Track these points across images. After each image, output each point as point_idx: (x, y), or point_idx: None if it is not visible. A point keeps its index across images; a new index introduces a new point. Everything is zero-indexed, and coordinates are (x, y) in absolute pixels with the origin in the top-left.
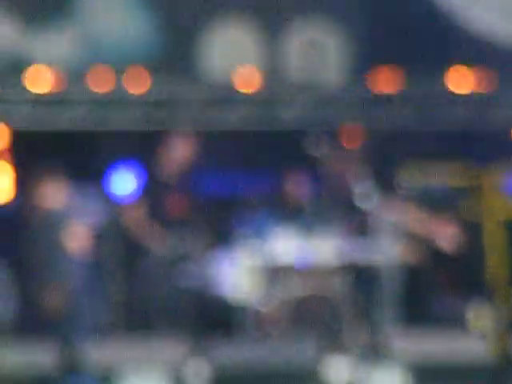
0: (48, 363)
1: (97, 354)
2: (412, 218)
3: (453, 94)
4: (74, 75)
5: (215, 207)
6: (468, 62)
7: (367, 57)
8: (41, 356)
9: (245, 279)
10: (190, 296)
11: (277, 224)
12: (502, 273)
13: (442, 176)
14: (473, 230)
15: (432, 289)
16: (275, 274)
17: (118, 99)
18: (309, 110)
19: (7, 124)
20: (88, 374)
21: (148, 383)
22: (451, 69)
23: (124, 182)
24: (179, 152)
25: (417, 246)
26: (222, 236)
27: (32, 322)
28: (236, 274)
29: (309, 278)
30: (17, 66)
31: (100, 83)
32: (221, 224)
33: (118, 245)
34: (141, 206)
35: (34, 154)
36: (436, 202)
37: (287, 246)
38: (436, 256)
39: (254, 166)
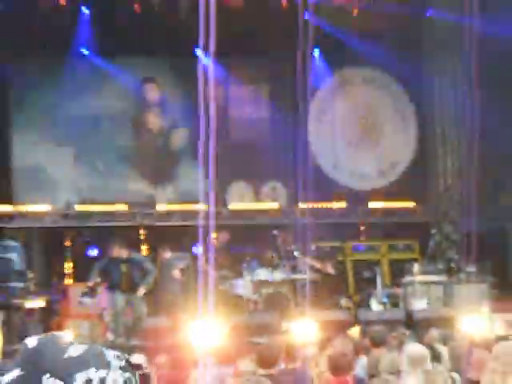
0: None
1: None
2: (314, 261)
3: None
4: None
5: (236, 258)
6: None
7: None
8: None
9: (248, 285)
10: (227, 293)
11: (259, 265)
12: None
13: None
14: (342, 265)
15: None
16: (260, 283)
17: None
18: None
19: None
20: None
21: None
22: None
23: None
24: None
25: (317, 272)
26: (239, 269)
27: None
28: (245, 284)
29: (274, 285)
30: (150, 202)
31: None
32: (238, 265)
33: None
34: (206, 258)
35: (161, 238)
36: (326, 254)
37: (265, 273)
38: (326, 275)
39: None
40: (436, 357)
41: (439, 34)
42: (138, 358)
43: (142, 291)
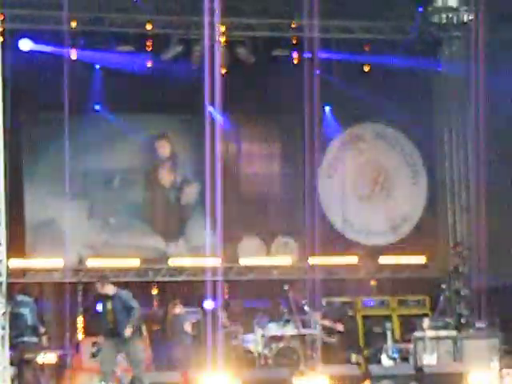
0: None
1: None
2: (324, 320)
3: None
4: None
5: (247, 313)
6: None
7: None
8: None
9: (259, 340)
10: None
11: (270, 320)
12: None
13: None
14: (352, 320)
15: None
16: (271, 338)
17: None
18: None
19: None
20: None
21: None
22: None
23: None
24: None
25: (327, 330)
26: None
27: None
28: (256, 339)
29: (285, 340)
30: (162, 257)
31: None
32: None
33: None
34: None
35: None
36: (336, 310)
37: (275, 328)
38: (336, 332)
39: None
40: None
41: (449, 89)
42: None
43: (128, 331)
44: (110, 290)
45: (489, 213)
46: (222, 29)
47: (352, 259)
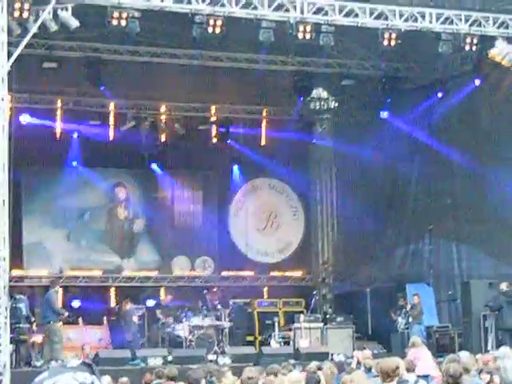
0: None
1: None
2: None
3: None
4: None
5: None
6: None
7: None
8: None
9: (186, 329)
10: (171, 334)
11: (193, 314)
12: (257, 327)
13: (242, 300)
14: (251, 315)
15: (239, 333)
16: (194, 327)
17: None
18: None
19: (115, 285)
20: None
21: None
22: None
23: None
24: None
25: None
26: (179, 317)
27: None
28: (183, 327)
29: (204, 329)
30: (118, 269)
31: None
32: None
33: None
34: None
35: (125, 294)
36: (238, 309)
37: (197, 320)
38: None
39: (187, 298)
40: (315, 380)
41: (319, 154)
42: (105, 379)
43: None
44: None
45: (347, 241)
46: (163, 109)
47: (251, 273)
